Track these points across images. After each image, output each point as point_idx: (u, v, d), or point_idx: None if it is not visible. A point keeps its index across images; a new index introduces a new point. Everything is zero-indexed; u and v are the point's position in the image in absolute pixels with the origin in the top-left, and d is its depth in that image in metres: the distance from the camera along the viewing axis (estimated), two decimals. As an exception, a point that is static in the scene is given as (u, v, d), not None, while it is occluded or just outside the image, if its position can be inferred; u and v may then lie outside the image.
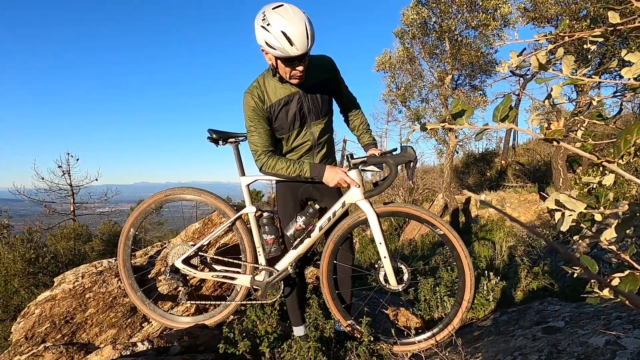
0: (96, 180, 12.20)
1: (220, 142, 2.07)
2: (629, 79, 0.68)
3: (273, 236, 2.01)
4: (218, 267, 2.18)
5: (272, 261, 2.07)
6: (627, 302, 0.59)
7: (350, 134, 2.34)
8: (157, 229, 14.15)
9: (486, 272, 2.76)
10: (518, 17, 7.30)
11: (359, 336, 1.91)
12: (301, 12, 1.53)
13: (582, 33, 0.76)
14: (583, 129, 0.80)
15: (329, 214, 1.91)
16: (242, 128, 1.91)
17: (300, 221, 1.89)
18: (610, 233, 0.53)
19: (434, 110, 8.67)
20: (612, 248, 0.58)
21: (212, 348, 2.01)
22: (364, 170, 1.91)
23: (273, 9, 1.53)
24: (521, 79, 12.38)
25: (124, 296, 2.37)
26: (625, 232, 0.53)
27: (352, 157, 1.85)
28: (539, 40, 0.80)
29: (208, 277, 2.19)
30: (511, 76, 12.16)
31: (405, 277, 1.91)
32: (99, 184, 12.84)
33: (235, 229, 2.16)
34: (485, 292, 2.59)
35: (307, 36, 1.52)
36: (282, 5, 1.54)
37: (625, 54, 0.71)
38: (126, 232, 2.27)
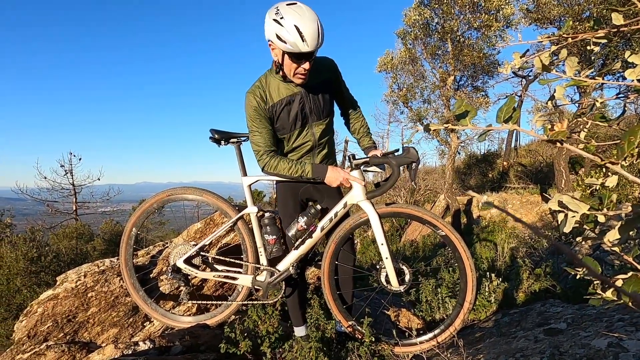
0: (98, 179, 12.26)
1: (222, 142, 2.07)
2: (633, 81, 0.68)
3: (274, 236, 2.01)
4: (219, 267, 2.18)
5: (274, 261, 2.07)
6: (631, 304, 0.59)
7: (351, 136, 2.37)
8: (159, 229, 14.18)
9: (488, 274, 2.75)
10: (521, 18, 7.29)
11: (360, 337, 1.91)
12: (314, 13, 1.57)
13: (586, 34, 0.76)
14: (586, 131, 0.80)
15: (331, 215, 1.91)
16: (244, 128, 1.91)
17: (301, 221, 1.88)
18: (613, 234, 0.53)
19: (436, 111, 8.67)
20: (616, 250, 0.58)
21: (214, 348, 2.01)
22: (366, 170, 1.91)
23: (287, 5, 1.57)
24: (523, 80, 12.36)
25: (126, 295, 2.37)
26: (628, 234, 0.53)
27: (354, 158, 1.84)
28: (542, 41, 0.80)
29: (209, 277, 2.19)
30: (513, 77, 12.15)
31: (406, 278, 1.91)
32: (101, 184, 12.89)
33: (236, 229, 2.16)
34: (487, 294, 2.59)
35: (319, 35, 1.56)
36: (296, 3, 1.58)
37: (629, 56, 0.71)
38: (128, 232, 2.27)
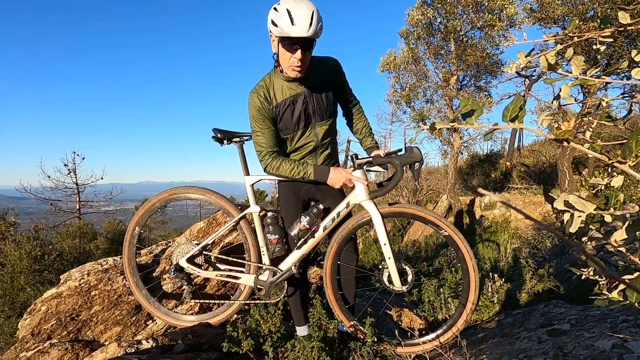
0: (101, 178, 12.32)
1: (224, 142, 2.08)
2: (639, 80, 0.67)
3: (277, 236, 2.01)
4: (222, 267, 2.19)
5: (276, 261, 2.07)
6: (637, 304, 0.59)
7: (353, 136, 2.36)
8: (162, 228, 14.23)
9: (491, 274, 2.74)
10: (524, 18, 7.25)
11: (362, 337, 1.91)
12: (312, 3, 1.57)
13: (592, 33, 0.75)
14: (591, 130, 0.79)
15: (333, 214, 1.90)
16: (247, 127, 1.91)
17: (304, 221, 1.88)
18: (620, 234, 0.53)
19: (439, 111, 8.65)
20: (622, 250, 0.58)
21: (216, 347, 2.02)
22: (369, 170, 1.91)
23: None
24: (527, 80, 12.29)
25: (129, 294, 2.38)
26: (635, 234, 0.53)
27: (357, 158, 1.83)
28: (548, 40, 0.79)
29: (212, 276, 2.19)
30: (517, 77, 12.08)
31: (409, 278, 1.90)
32: (104, 183, 12.96)
33: (239, 229, 2.17)
34: (489, 294, 2.58)
35: (311, 22, 1.54)
36: None
37: (635, 55, 0.70)
38: (131, 231, 2.28)
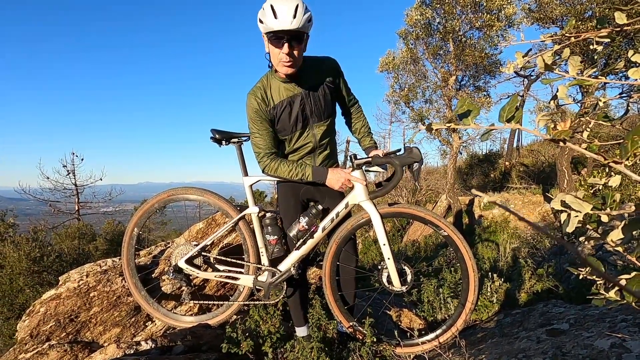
0: (100, 179, 12.31)
1: (223, 142, 2.07)
2: (637, 80, 0.67)
3: (276, 237, 2.00)
4: (221, 267, 2.19)
5: (275, 262, 2.07)
6: (634, 304, 0.59)
7: (352, 136, 2.36)
8: (161, 229, 14.21)
9: (490, 274, 2.74)
10: (523, 18, 7.27)
11: (362, 337, 1.91)
12: None
13: (589, 34, 0.75)
14: (589, 130, 0.79)
15: (332, 215, 1.90)
16: (246, 128, 1.91)
17: (303, 222, 1.88)
18: (617, 234, 0.53)
19: (438, 111, 8.66)
20: (619, 249, 0.58)
21: (215, 348, 2.01)
22: (368, 170, 1.90)
23: None
24: (525, 80, 12.32)
25: (128, 295, 2.38)
26: (632, 234, 0.53)
27: (356, 158, 1.83)
28: (545, 40, 0.79)
29: (211, 277, 2.19)
30: (515, 77, 12.11)
31: (408, 279, 1.91)
32: (103, 184, 12.94)
33: (238, 229, 2.17)
34: (489, 294, 2.58)
35: (295, 14, 1.53)
36: None
37: (632, 55, 0.71)
38: (130, 232, 2.28)
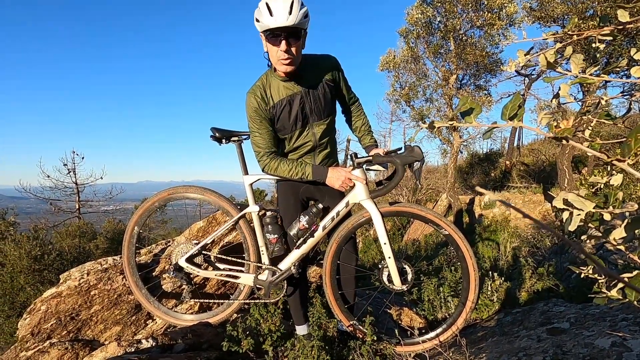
0: (101, 178, 12.33)
1: (223, 141, 2.07)
2: (639, 78, 0.67)
3: (276, 235, 2.00)
4: (221, 266, 2.19)
5: (275, 260, 2.07)
6: (636, 303, 0.59)
7: (352, 134, 2.35)
8: (161, 227, 14.23)
9: (490, 273, 2.74)
10: (524, 17, 7.24)
11: (362, 336, 1.91)
12: None
13: (591, 32, 0.75)
14: (590, 129, 0.79)
15: (333, 214, 1.90)
16: (246, 127, 1.91)
17: (303, 220, 1.88)
18: (619, 233, 0.53)
19: (439, 110, 8.64)
20: (621, 248, 0.58)
21: (216, 346, 2.02)
22: (369, 169, 1.90)
23: None
24: (526, 79, 12.28)
25: (129, 293, 2.38)
26: (634, 232, 0.53)
27: (356, 157, 1.83)
28: (548, 39, 0.79)
29: (211, 276, 2.19)
30: (516, 76, 12.07)
31: (409, 277, 1.90)
32: (104, 182, 12.96)
33: (238, 228, 2.16)
34: (489, 293, 2.58)
35: (290, 10, 1.52)
36: None
37: (634, 53, 0.70)
38: (130, 230, 2.28)
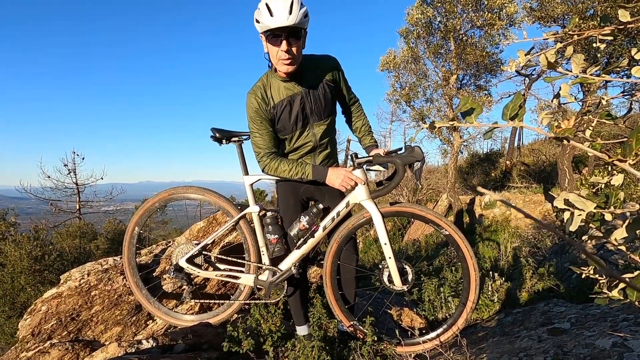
0: (101, 179, 12.34)
1: (223, 141, 2.07)
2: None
3: (276, 236, 2.00)
4: (222, 266, 2.19)
5: (276, 261, 2.07)
6: (637, 303, 0.58)
7: (352, 135, 2.36)
8: (162, 228, 14.23)
9: (491, 273, 2.74)
10: (524, 17, 7.23)
11: (362, 336, 1.91)
12: None
13: (592, 31, 0.75)
14: (591, 129, 0.79)
15: (333, 214, 1.90)
16: (246, 127, 1.91)
17: (304, 221, 1.88)
18: (620, 233, 0.53)
19: (439, 110, 8.64)
20: (622, 248, 0.58)
21: (216, 346, 2.02)
22: (369, 169, 1.90)
23: None
24: (526, 79, 12.27)
25: (129, 294, 2.38)
26: (635, 233, 0.53)
27: (357, 157, 1.83)
28: (548, 39, 0.79)
29: (212, 276, 2.19)
30: (516, 76, 12.06)
31: (409, 278, 1.90)
32: (104, 183, 12.97)
33: (238, 228, 2.17)
34: (490, 293, 2.58)
35: (290, 10, 1.52)
36: None
37: (635, 53, 0.70)
38: (131, 231, 2.28)
